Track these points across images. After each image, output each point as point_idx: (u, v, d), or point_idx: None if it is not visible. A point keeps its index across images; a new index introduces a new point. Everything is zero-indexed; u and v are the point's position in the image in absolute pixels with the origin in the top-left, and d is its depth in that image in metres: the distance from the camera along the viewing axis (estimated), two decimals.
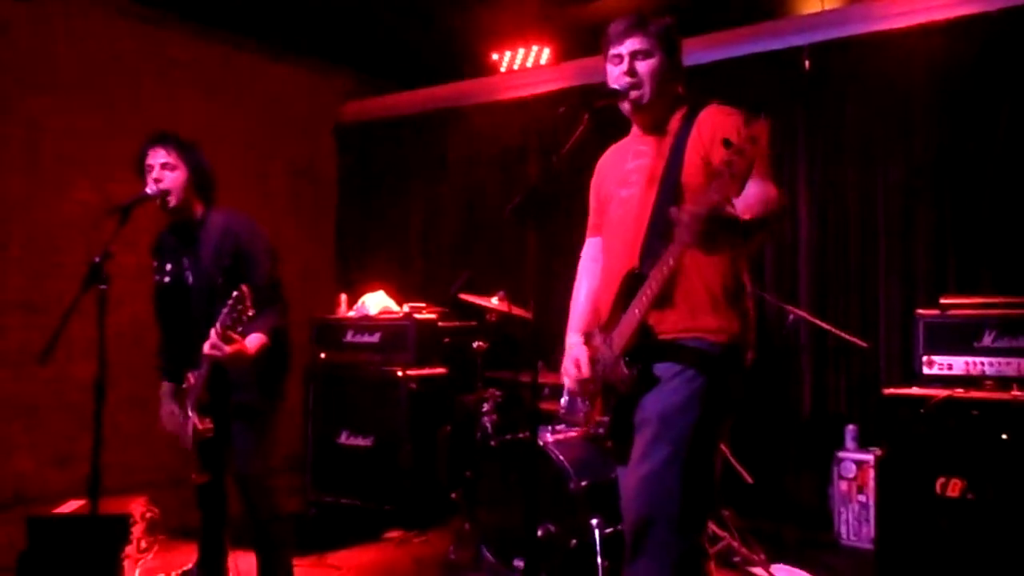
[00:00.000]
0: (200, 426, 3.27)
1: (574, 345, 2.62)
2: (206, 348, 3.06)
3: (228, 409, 3.31)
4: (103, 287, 2.96)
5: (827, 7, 5.19)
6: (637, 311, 2.31)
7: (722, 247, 2.13)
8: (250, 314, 2.98)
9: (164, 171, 3.27)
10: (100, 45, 5.50)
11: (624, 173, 2.56)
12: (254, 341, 3.14)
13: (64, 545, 3.73)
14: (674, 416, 2.29)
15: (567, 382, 2.63)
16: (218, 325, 3.00)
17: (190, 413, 3.30)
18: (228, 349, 3.04)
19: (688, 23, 2.54)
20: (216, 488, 3.50)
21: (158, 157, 3.29)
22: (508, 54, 6.33)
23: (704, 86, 2.58)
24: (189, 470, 3.44)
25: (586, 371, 2.51)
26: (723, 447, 3.02)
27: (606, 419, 2.46)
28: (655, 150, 2.49)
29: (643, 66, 2.43)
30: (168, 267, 3.42)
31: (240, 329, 3.02)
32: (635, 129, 2.61)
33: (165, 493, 4.24)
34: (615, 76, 2.47)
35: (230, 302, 2.96)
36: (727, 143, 1.93)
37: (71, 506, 3.95)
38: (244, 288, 2.96)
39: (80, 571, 3.66)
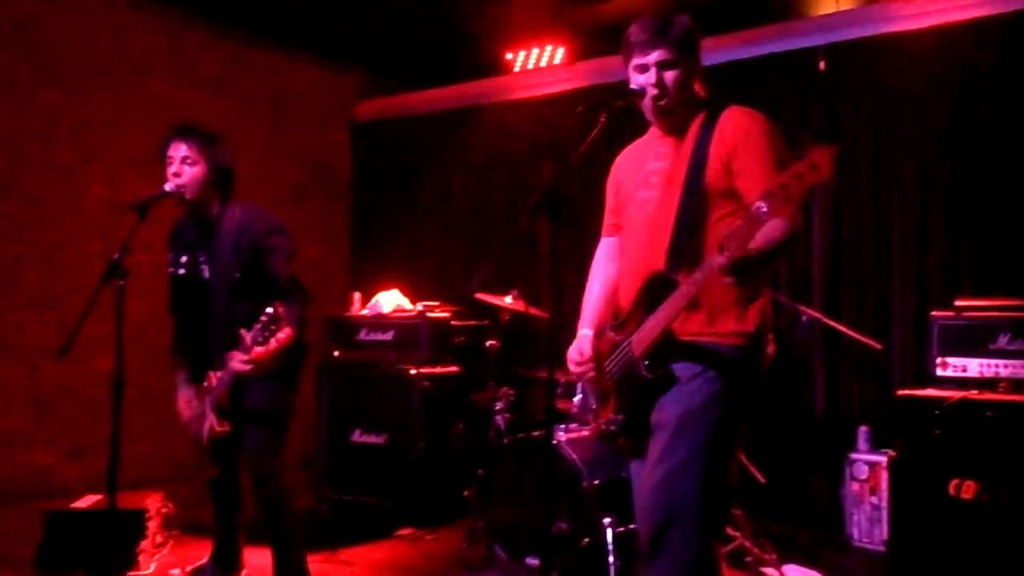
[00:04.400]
0: (218, 428, 3.29)
1: (582, 337, 2.66)
2: (235, 365, 3.09)
3: (246, 413, 3.33)
4: (121, 283, 2.98)
5: (842, 8, 5.18)
6: (664, 317, 2.31)
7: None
8: (282, 335, 3.00)
9: (183, 165, 3.28)
10: (114, 40, 5.54)
11: (644, 174, 2.57)
12: (280, 336, 3.13)
13: (81, 538, 3.78)
14: (693, 418, 2.31)
15: (571, 367, 2.66)
16: (248, 340, 3.02)
17: (209, 413, 3.31)
18: (253, 367, 3.08)
19: (703, 23, 2.55)
20: (231, 483, 3.54)
21: (179, 151, 3.29)
22: (522, 54, 6.35)
23: (719, 87, 2.59)
24: (202, 465, 3.47)
25: (588, 355, 2.57)
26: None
27: (619, 417, 2.47)
28: (674, 151, 2.50)
29: (670, 76, 2.45)
30: (183, 259, 3.43)
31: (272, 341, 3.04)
32: (654, 130, 2.62)
33: (180, 488, 4.27)
34: (640, 83, 2.47)
35: (264, 319, 2.96)
36: (782, 162, 1.98)
37: (88, 500, 3.99)
38: (279, 308, 2.97)
39: (97, 564, 3.70)
